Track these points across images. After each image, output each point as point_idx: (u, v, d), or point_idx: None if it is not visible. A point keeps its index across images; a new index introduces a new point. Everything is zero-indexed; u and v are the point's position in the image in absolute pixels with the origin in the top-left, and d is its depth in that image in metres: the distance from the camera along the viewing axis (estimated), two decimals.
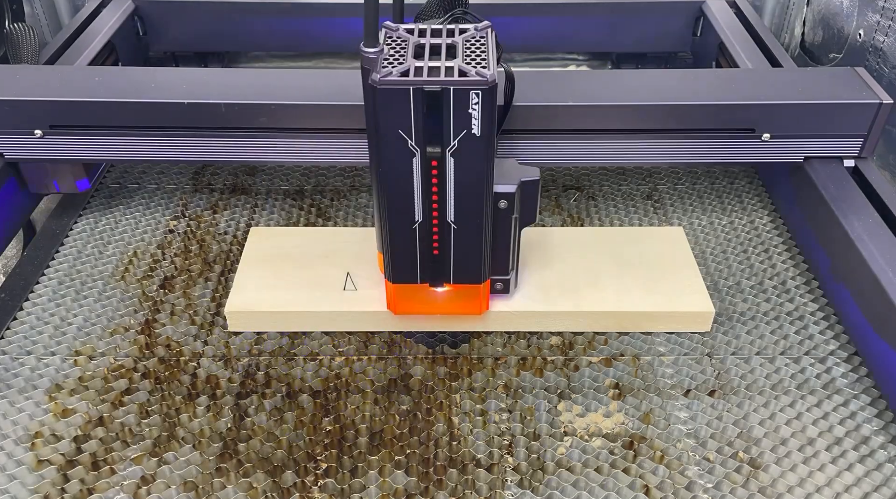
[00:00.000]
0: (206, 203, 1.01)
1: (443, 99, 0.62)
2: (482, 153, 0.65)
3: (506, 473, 0.68)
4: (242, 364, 0.78)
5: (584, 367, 0.78)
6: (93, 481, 0.67)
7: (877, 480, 0.67)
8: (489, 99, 0.62)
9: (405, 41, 0.67)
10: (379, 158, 0.66)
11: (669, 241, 0.89)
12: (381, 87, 0.62)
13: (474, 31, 0.68)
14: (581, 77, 0.94)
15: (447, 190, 0.68)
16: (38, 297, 0.86)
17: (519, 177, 0.71)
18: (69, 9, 1.30)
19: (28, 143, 0.89)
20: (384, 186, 0.67)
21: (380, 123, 0.64)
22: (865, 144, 0.89)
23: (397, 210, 0.69)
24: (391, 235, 0.71)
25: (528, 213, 0.74)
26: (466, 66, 0.63)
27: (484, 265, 0.74)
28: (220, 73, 0.94)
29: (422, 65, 0.63)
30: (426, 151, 0.65)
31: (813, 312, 0.84)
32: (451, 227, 0.70)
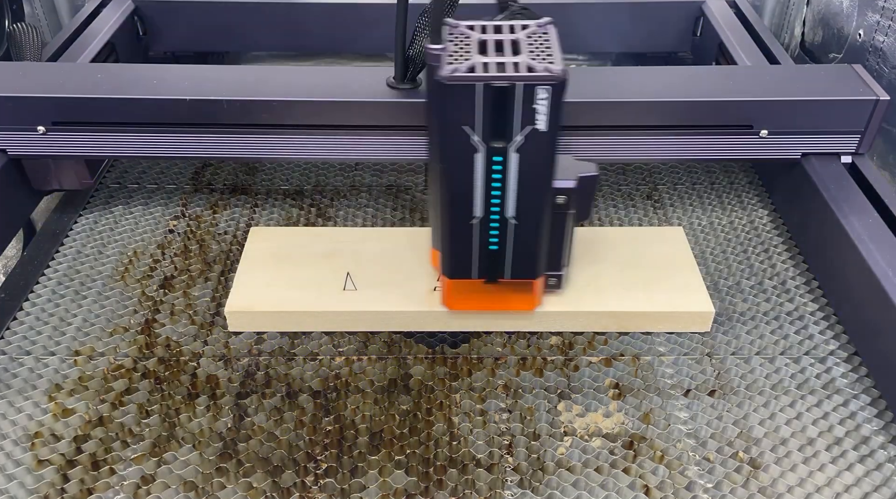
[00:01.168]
0: (206, 203, 1.01)
1: (510, 94, 0.62)
2: (546, 149, 0.65)
3: (506, 473, 0.68)
4: (242, 364, 0.78)
5: (584, 367, 0.78)
6: (92, 481, 0.67)
7: (877, 480, 0.67)
8: (557, 94, 0.62)
9: (468, 38, 0.67)
10: (442, 154, 0.66)
11: (669, 241, 0.89)
12: (448, 83, 0.61)
13: (536, 28, 0.68)
14: (580, 74, 0.94)
15: (508, 186, 0.68)
16: (37, 297, 0.86)
17: (577, 172, 0.71)
18: (69, 9, 1.30)
19: (31, 139, 0.90)
20: (446, 182, 0.68)
21: (445, 119, 0.64)
22: (862, 140, 0.90)
23: (458, 206, 0.69)
24: (450, 231, 0.71)
25: (583, 208, 0.74)
26: (534, 62, 0.63)
27: (540, 261, 0.74)
28: (223, 70, 0.95)
29: (487, 60, 0.63)
30: (490, 146, 0.65)
31: (813, 312, 0.84)
32: (511, 222, 0.70)
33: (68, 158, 0.93)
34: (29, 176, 0.95)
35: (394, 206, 1.00)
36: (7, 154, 0.91)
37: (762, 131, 0.89)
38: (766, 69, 1.03)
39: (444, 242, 0.72)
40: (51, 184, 0.96)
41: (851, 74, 0.92)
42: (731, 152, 0.91)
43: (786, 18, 1.29)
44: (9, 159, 0.91)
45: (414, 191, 1.03)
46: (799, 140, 0.90)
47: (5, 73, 0.91)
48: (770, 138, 0.90)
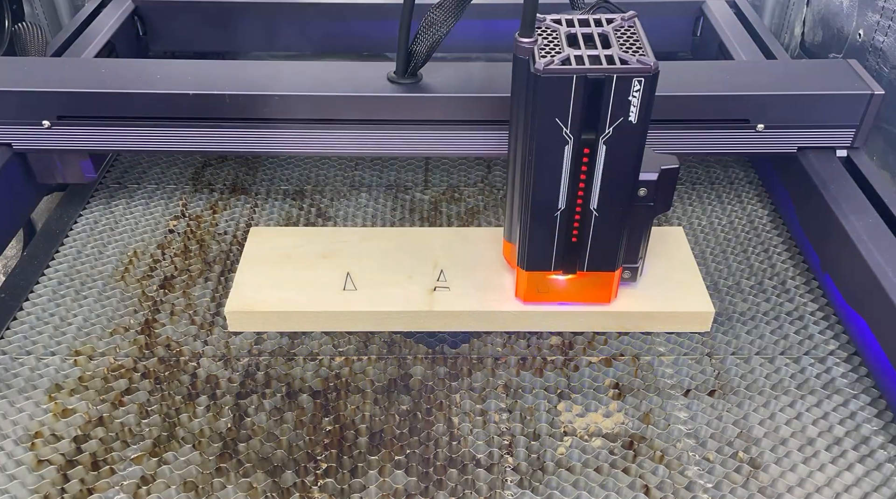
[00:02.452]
0: (206, 203, 1.01)
1: (604, 87, 0.63)
2: (637, 141, 0.66)
3: (506, 473, 0.68)
4: (242, 364, 0.78)
5: (584, 367, 0.78)
6: (93, 481, 0.67)
7: (877, 480, 0.67)
8: (650, 87, 0.63)
9: (555, 31, 0.67)
10: (530, 146, 0.66)
11: (669, 241, 0.89)
12: (544, 75, 0.62)
13: (622, 22, 0.69)
14: None
15: (595, 178, 0.68)
16: (37, 297, 0.86)
17: (659, 165, 0.71)
18: (69, 9, 1.30)
19: (36, 133, 0.90)
20: (532, 174, 0.68)
21: (537, 111, 0.64)
22: (858, 134, 0.91)
23: (541, 197, 0.70)
24: (531, 223, 0.72)
25: (664, 201, 0.74)
26: (626, 55, 0.63)
27: (619, 253, 0.75)
28: (225, 65, 0.96)
29: (580, 53, 0.64)
30: (581, 138, 0.66)
31: (813, 312, 0.84)
32: (593, 214, 0.71)
33: (73, 152, 0.94)
34: (34, 170, 0.96)
35: (394, 206, 1.00)
36: (12, 148, 0.92)
37: (759, 125, 0.90)
38: (763, 64, 1.04)
39: (524, 234, 0.73)
40: (55, 178, 0.97)
41: (847, 69, 0.93)
42: (728, 146, 0.92)
43: (786, 18, 1.29)
44: (14, 153, 0.92)
45: (414, 191, 1.03)
46: (795, 134, 0.91)
47: (10, 69, 0.92)
48: (766, 132, 0.91)
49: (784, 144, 0.92)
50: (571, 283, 0.77)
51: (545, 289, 0.78)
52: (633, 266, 0.78)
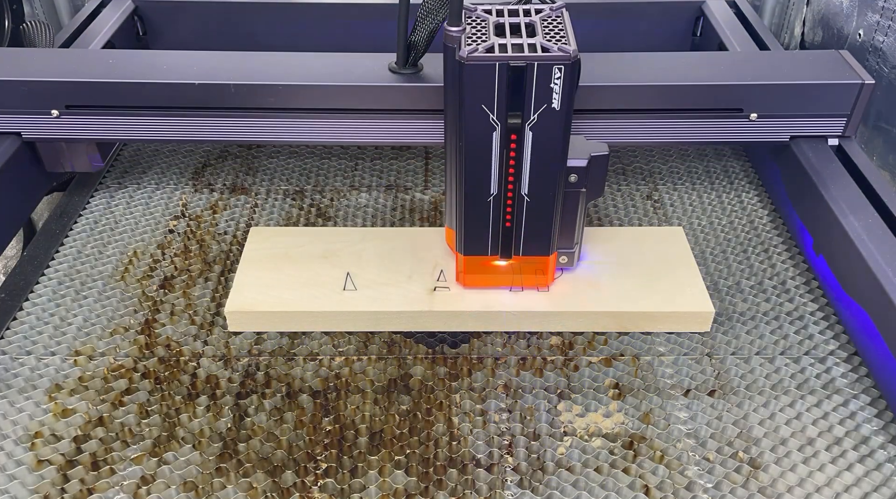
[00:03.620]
0: (206, 203, 1.01)
1: (526, 74, 0.65)
2: (560, 127, 0.68)
3: (506, 473, 0.68)
4: (242, 364, 0.78)
5: (584, 367, 0.78)
6: (93, 481, 0.67)
7: (877, 480, 0.67)
8: (571, 74, 0.65)
9: (485, 21, 0.69)
10: (461, 132, 0.68)
11: (669, 241, 0.89)
12: (469, 62, 0.64)
13: (549, 11, 0.71)
14: None
15: (523, 163, 0.70)
16: (37, 297, 0.86)
17: (589, 152, 0.74)
18: (69, 9, 1.30)
19: (45, 123, 0.92)
20: (464, 160, 0.70)
21: (464, 98, 0.66)
22: (849, 123, 0.92)
23: (475, 183, 0.72)
24: (466, 208, 0.73)
25: (595, 187, 0.76)
26: (548, 43, 0.65)
27: (553, 238, 0.76)
28: (230, 56, 0.97)
29: (505, 42, 0.66)
30: (507, 124, 0.67)
31: (813, 312, 0.84)
32: (525, 199, 0.73)
33: (81, 141, 0.95)
34: (42, 158, 0.97)
35: (394, 206, 1.00)
36: (21, 137, 0.93)
37: (752, 114, 0.92)
38: (756, 54, 1.06)
39: (460, 219, 0.75)
40: (63, 166, 0.98)
41: (838, 59, 0.94)
42: (722, 135, 0.94)
43: (786, 18, 1.29)
44: (23, 142, 0.93)
45: (414, 191, 1.03)
46: (787, 123, 0.93)
47: (20, 59, 0.94)
48: (759, 121, 0.92)
49: (776, 133, 0.93)
50: (509, 267, 0.79)
51: (484, 273, 0.80)
52: (570, 250, 0.80)
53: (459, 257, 0.79)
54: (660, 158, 1.10)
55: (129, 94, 0.90)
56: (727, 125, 0.93)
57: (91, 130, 0.93)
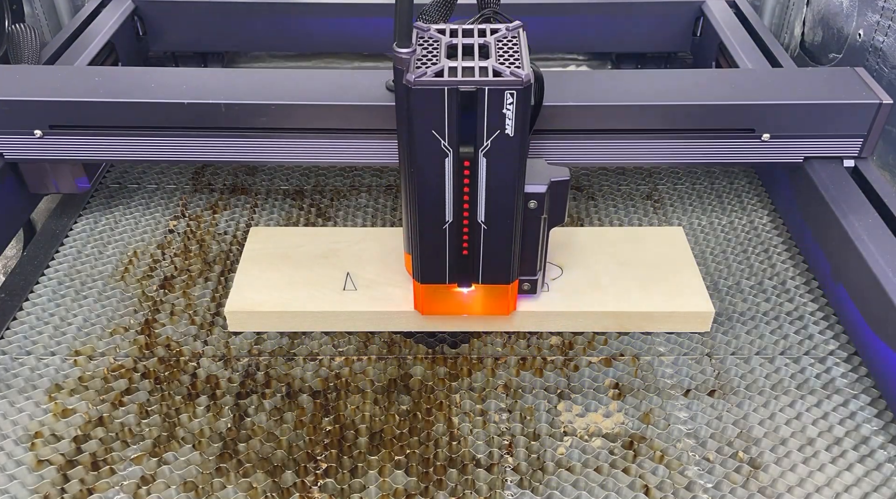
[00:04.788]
0: (206, 203, 1.01)
1: (477, 99, 0.62)
2: (515, 154, 0.65)
3: (506, 473, 0.68)
4: (242, 364, 0.78)
5: (584, 367, 0.78)
6: (93, 481, 0.67)
7: (877, 480, 0.67)
8: (523, 99, 0.62)
9: (437, 41, 0.66)
10: (411, 159, 0.66)
11: (669, 241, 0.89)
12: (416, 87, 0.61)
13: (506, 31, 0.68)
14: (581, 77, 0.94)
15: (479, 190, 0.67)
16: (38, 297, 0.86)
17: (549, 177, 0.71)
18: (69, 9, 1.30)
19: (28, 143, 0.89)
20: (416, 187, 0.67)
21: (413, 124, 0.63)
22: (865, 144, 0.89)
23: (428, 210, 0.69)
24: (421, 236, 0.71)
25: (557, 213, 0.73)
26: (500, 67, 0.62)
27: (513, 265, 0.74)
28: (220, 74, 0.94)
29: (455, 65, 0.63)
30: (459, 151, 0.65)
31: (812, 312, 0.84)
32: (482, 227, 0.70)
33: (65, 161, 0.92)
34: (26, 180, 0.94)
35: (394, 206, 1.00)
36: (4, 158, 0.90)
37: (764, 135, 0.89)
38: (769, 72, 1.03)
39: (416, 246, 0.72)
40: (47, 188, 0.96)
41: (854, 77, 0.91)
42: (733, 156, 0.91)
43: (786, 18, 1.29)
44: (5, 163, 0.91)
45: None
46: (801, 144, 0.90)
47: (2, 77, 0.91)
48: (772, 142, 0.89)
49: (790, 154, 0.90)
50: (469, 295, 0.76)
51: (443, 301, 0.77)
52: (532, 278, 0.77)
53: (417, 285, 0.76)
54: None
55: (116, 114, 0.87)
56: (738, 146, 0.90)
57: (76, 151, 0.90)
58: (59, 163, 0.93)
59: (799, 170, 0.92)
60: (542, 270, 0.79)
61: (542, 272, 0.79)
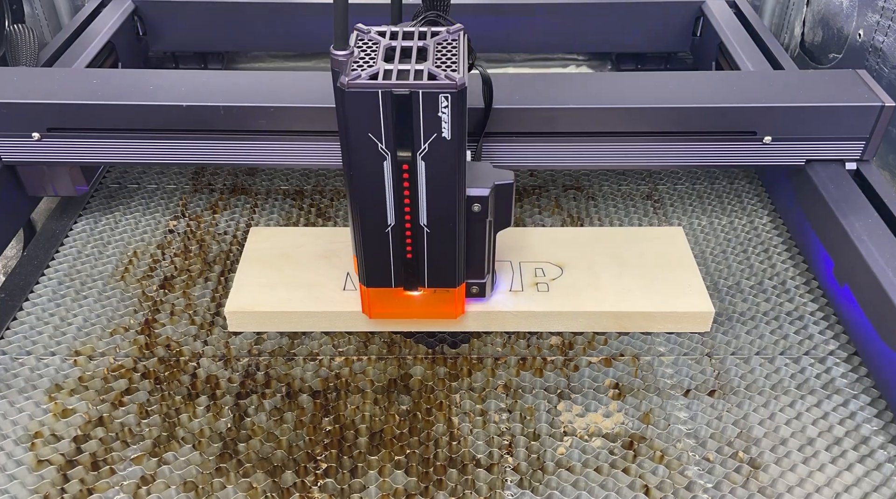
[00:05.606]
0: (206, 203, 1.01)
1: (412, 102, 0.62)
2: (453, 157, 0.65)
3: (506, 473, 0.68)
4: (242, 364, 0.78)
5: (584, 367, 0.78)
6: (93, 481, 0.67)
7: (877, 480, 0.67)
8: (458, 103, 0.62)
9: (376, 44, 0.66)
10: (350, 162, 0.65)
11: (669, 241, 0.89)
12: (350, 90, 0.61)
13: (446, 34, 0.67)
14: (582, 80, 0.94)
15: (419, 193, 0.67)
16: (38, 297, 0.86)
17: (493, 180, 0.70)
18: (69, 9, 1.30)
19: (26, 145, 0.89)
20: (356, 190, 0.67)
21: (349, 127, 0.63)
22: (867, 146, 0.89)
23: (369, 213, 0.68)
24: (364, 239, 0.70)
25: (502, 216, 0.73)
26: (436, 70, 0.62)
27: (458, 269, 0.73)
28: (219, 76, 0.94)
29: (391, 68, 0.63)
30: (397, 154, 0.65)
31: (812, 312, 0.84)
32: (425, 230, 0.70)
33: (63, 164, 0.92)
34: (24, 182, 0.94)
35: None
36: (2, 160, 0.90)
37: (766, 138, 0.88)
38: (770, 75, 1.02)
39: (359, 250, 0.72)
40: (46, 190, 0.95)
41: (856, 80, 0.91)
42: (735, 158, 0.91)
43: (786, 18, 1.29)
44: (3, 166, 0.91)
45: None
46: (803, 146, 0.90)
47: (0, 79, 0.90)
48: (774, 145, 0.89)
49: (792, 157, 0.90)
50: (416, 299, 0.76)
51: (391, 305, 0.77)
52: (481, 281, 0.77)
53: (363, 289, 0.76)
54: None
55: (114, 117, 0.87)
56: (740, 148, 0.90)
57: (74, 154, 0.90)
58: (57, 166, 0.92)
59: (801, 172, 0.92)
60: (491, 274, 0.78)
61: (491, 275, 0.79)
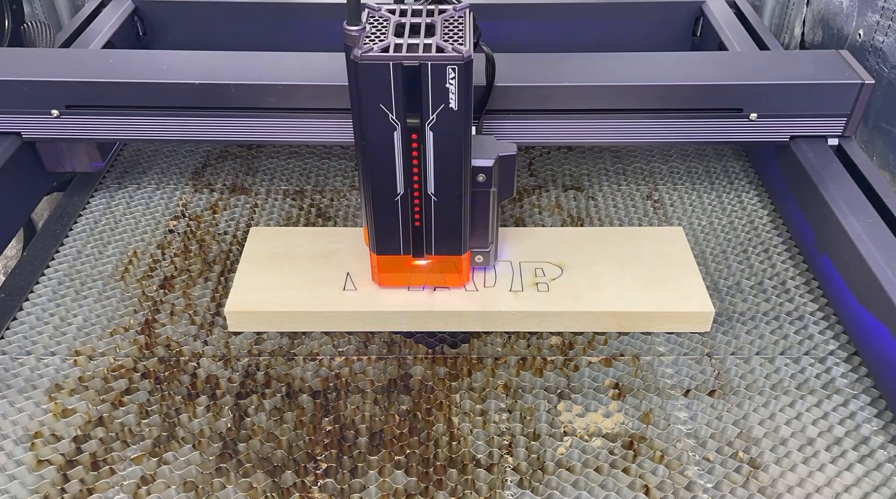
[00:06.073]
0: (206, 203, 1.01)
1: (421, 74, 0.65)
2: (460, 127, 0.68)
3: (506, 473, 0.68)
4: (242, 364, 0.78)
5: (584, 367, 0.78)
6: (93, 481, 0.67)
7: (876, 480, 0.67)
8: (465, 74, 0.65)
9: (387, 20, 0.70)
10: (362, 132, 0.69)
11: (669, 241, 0.89)
12: (363, 62, 0.65)
13: (453, 12, 0.71)
14: (574, 59, 0.97)
15: (427, 163, 0.71)
16: (37, 297, 0.86)
17: (496, 152, 0.74)
18: (69, 9, 1.30)
19: (45, 122, 0.92)
20: (367, 159, 0.70)
21: (362, 98, 0.66)
22: (849, 123, 0.93)
23: (380, 183, 0.72)
24: (374, 208, 0.74)
25: (506, 187, 0.77)
26: (444, 43, 0.66)
27: (464, 237, 0.77)
28: (230, 55, 0.97)
29: (402, 42, 0.66)
30: (406, 124, 0.68)
31: (813, 312, 0.84)
32: (432, 199, 0.73)
33: (81, 141, 0.95)
34: (42, 158, 0.97)
35: None
36: (22, 137, 0.93)
37: (752, 114, 0.92)
38: (756, 54, 1.06)
39: (370, 218, 0.75)
40: (63, 166, 0.99)
41: (838, 59, 0.94)
42: (722, 135, 0.94)
43: (786, 18, 1.29)
44: (23, 142, 0.93)
45: None
46: (787, 123, 0.93)
47: (20, 59, 0.94)
48: (759, 121, 0.92)
49: (776, 133, 0.94)
50: (423, 266, 0.79)
51: (399, 272, 0.80)
52: (485, 250, 0.80)
53: (373, 256, 0.79)
54: (660, 158, 1.10)
55: (130, 95, 0.90)
56: (727, 125, 0.93)
57: (91, 131, 0.93)
58: (75, 142, 0.96)
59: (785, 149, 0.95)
60: (494, 243, 0.81)
61: (494, 245, 0.82)
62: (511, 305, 0.80)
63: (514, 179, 0.77)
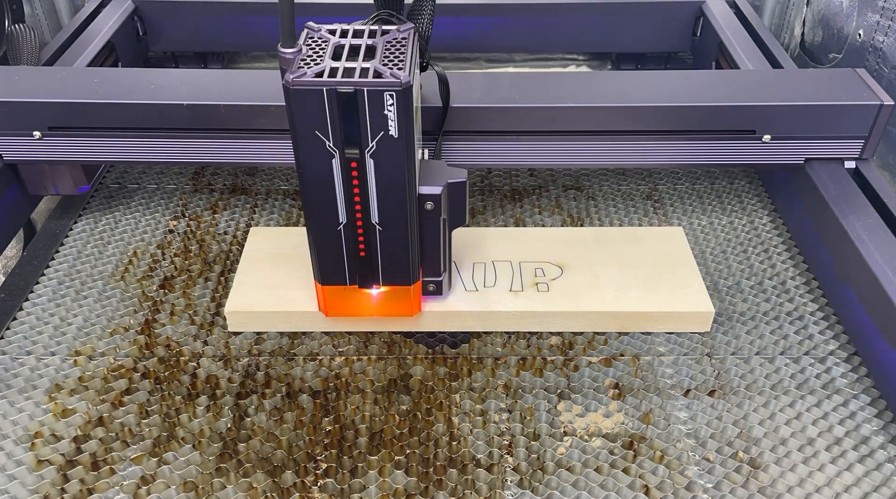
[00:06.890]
0: (206, 203, 1.01)
1: (358, 101, 0.62)
2: (401, 154, 0.65)
3: (506, 473, 0.68)
4: (242, 364, 0.78)
5: (584, 367, 0.78)
6: (93, 481, 0.67)
7: (876, 480, 0.67)
8: (404, 100, 0.62)
9: (325, 41, 0.67)
10: (299, 159, 0.65)
11: (669, 241, 0.89)
12: (294, 88, 0.61)
13: (396, 33, 0.68)
14: (582, 78, 0.94)
15: (369, 191, 0.67)
16: (38, 297, 0.86)
17: (445, 179, 0.70)
18: (69, 9, 1.30)
19: (27, 144, 0.89)
20: (306, 187, 0.67)
21: (296, 125, 0.63)
22: (866, 145, 0.89)
23: (321, 211, 0.69)
24: (316, 237, 0.71)
25: (456, 214, 0.73)
26: (382, 68, 0.62)
27: (413, 267, 0.73)
28: (220, 75, 0.94)
29: (338, 65, 0.63)
30: (345, 152, 0.65)
31: (813, 312, 0.84)
32: (377, 228, 0.70)
33: (64, 163, 0.92)
34: (25, 181, 0.94)
35: None
36: (3, 159, 0.90)
37: (765, 136, 0.88)
38: (769, 73, 1.02)
39: (313, 247, 0.72)
40: (47, 189, 0.95)
41: (855, 79, 0.91)
42: (734, 157, 0.91)
43: (786, 18, 1.29)
44: (4, 165, 0.91)
45: None
46: (802, 145, 0.90)
47: (1, 78, 0.90)
48: (773, 143, 0.89)
49: (791, 156, 0.90)
50: (372, 297, 0.76)
51: (347, 302, 0.77)
52: (437, 279, 0.77)
53: (318, 287, 0.76)
54: None
55: (115, 116, 0.87)
56: (739, 147, 0.90)
57: (75, 152, 0.90)
58: (58, 164, 0.92)
59: (800, 171, 0.92)
60: (448, 271, 0.78)
61: (448, 273, 0.79)
62: (511, 305, 0.80)
63: (465, 206, 0.72)
